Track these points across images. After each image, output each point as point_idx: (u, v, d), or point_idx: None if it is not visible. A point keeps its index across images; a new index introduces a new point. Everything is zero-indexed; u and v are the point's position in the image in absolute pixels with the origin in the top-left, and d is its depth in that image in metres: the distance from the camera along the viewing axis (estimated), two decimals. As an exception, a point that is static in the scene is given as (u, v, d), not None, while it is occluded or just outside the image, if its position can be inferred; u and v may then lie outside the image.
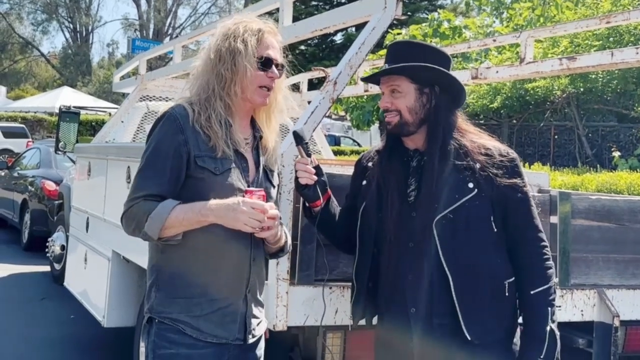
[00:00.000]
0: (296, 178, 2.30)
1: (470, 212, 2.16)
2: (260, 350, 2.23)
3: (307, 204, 2.36)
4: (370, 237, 2.32)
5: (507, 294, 2.20)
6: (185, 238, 2.03)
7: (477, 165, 2.19)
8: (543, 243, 2.25)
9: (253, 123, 2.22)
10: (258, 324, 2.19)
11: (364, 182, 2.38)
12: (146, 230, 1.98)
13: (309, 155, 2.28)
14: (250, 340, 2.14)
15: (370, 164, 2.41)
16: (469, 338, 2.14)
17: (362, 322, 2.43)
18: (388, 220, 2.26)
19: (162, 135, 2.07)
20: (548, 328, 2.17)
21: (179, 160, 2.04)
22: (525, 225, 2.24)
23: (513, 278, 2.22)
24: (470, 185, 2.17)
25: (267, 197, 2.10)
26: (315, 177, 2.28)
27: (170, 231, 1.99)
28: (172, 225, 1.98)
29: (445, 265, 2.15)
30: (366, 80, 2.44)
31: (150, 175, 2.05)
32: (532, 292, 2.19)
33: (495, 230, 2.21)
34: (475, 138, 2.28)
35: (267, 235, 2.06)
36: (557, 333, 2.20)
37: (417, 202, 2.22)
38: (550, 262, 2.24)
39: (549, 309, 2.19)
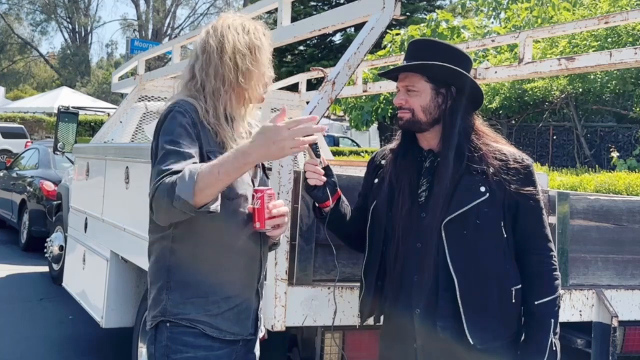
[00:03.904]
0: (305, 179, 2.28)
1: (480, 216, 2.14)
2: (258, 350, 2.24)
3: (316, 205, 2.35)
4: (380, 236, 2.31)
5: (513, 301, 2.18)
6: (197, 235, 1.99)
7: (491, 170, 2.17)
8: (551, 253, 2.23)
9: None
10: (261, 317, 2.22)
11: (376, 181, 2.37)
12: (178, 193, 1.78)
13: (318, 156, 2.26)
14: (259, 335, 2.17)
15: (383, 162, 2.39)
16: (472, 342, 2.13)
17: (370, 321, 2.42)
18: (397, 220, 2.25)
19: (179, 124, 1.96)
20: (549, 340, 2.16)
21: (198, 145, 1.96)
22: (535, 233, 2.22)
23: (521, 285, 2.20)
24: (482, 189, 2.15)
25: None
26: (325, 178, 2.26)
27: (206, 192, 1.80)
28: (207, 183, 1.80)
29: (451, 267, 2.13)
30: (383, 75, 2.41)
31: (179, 152, 1.91)
32: (536, 303, 2.18)
33: (505, 235, 2.19)
34: (492, 142, 2.26)
35: (278, 233, 2.08)
36: (559, 345, 2.19)
37: (428, 203, 2.21)
38: (557, 273, 2.22)
39: (552, 320, 2.17)
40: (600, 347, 3.03)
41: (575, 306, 3.05)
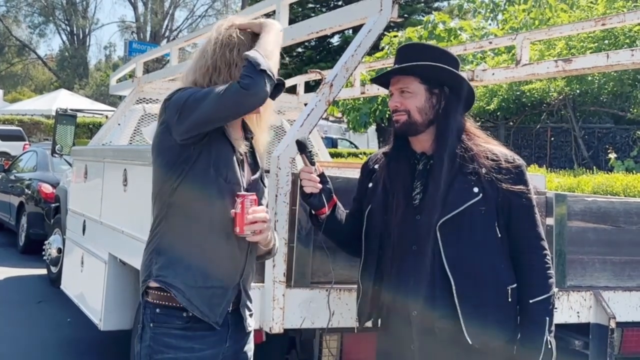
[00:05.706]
0: (301, 187, 2.30)
1: (474, 217, 2.16)
2: (250, 352, 2.24)
3: (313, 212, 2.36)
4: (376, 240, 2.32)
5: (509, 300, 2.19)
6: (191, 209, 2.04)
7: (483, 170, 2.19)
8: (545, 252, 2.24)
9: (243, 124, 2.23)
10: (250, 315, 2.20)
11: (370, 185, 2.38)
12: (253, 58, 1.96)
13: (312, 164, 2.27)
14: (248, 329, 2.17)
15: (376, 166, 2.41)
16: (470, 342, 2.14)
17: (368, 323, 2.42)
18: (392, 223, 2.26)
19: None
20: (544, 338, 2.17)
21: None
22: (527, 232, 2.24)
23: (516, 284, 2.21)
24: (476, 190, 2.17)
25: (260, 199, 2.11)
26: (320, 186, 2.28)
27: (272, 59, 2.02)
28: (269, 50, 2.03)
29: (447, 268, 2.15)
30: (376, 81, 2.42)
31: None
32: (530, 301, 2.19)
33: (500, 235, 2.21)
34: (483, 143, 2.27)
35: (259, 239, 2.08)
36: (554, 343, 2.20)
37: (422, 205, 2.22)
38: (551, 272, 2.23)
39: (547, 318, 2.18)
40: (598, 348, 3.03)
41: (572, 308, 3.05)
